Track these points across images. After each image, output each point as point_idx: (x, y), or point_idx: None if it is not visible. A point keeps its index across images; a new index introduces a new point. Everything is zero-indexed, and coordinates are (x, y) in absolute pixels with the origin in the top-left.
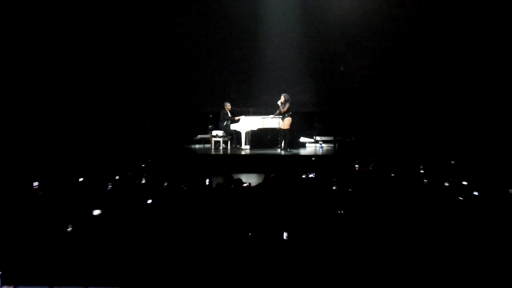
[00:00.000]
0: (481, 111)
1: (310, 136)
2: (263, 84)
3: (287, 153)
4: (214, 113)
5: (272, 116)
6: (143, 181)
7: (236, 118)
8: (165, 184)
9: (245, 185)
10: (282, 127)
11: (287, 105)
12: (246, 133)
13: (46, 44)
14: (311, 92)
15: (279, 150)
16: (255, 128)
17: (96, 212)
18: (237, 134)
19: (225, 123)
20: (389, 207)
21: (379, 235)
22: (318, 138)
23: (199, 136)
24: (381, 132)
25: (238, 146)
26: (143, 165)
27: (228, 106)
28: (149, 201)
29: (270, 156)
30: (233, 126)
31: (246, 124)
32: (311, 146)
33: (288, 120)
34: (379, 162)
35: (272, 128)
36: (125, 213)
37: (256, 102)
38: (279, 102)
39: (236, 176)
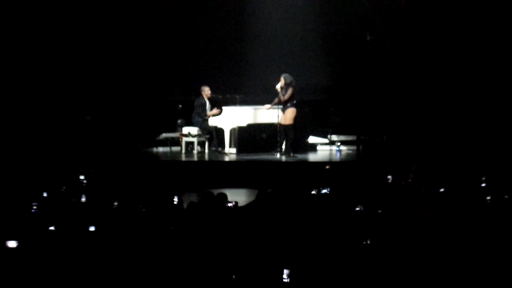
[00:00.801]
0: None
1: (323, 135)
2: (256, 61)
3: (290, 159)
4: (185, 102)
5: (269, 106)
6: (83, 200)
7: (216, 110)
8: (115, 204)
9: (230, 204)
10: (282, 122)
11: (289, 91)
12: (232, 131)
13: None
14: (324, 72)
15: (278, 155)
16: (244, 124)
17: (12, 244)
18: (219, 132)
19: (201, 116)
20: (437, 237)
21: (423, 277)
22: (334, 137)
23: (164, 135)
24: (425, 129)
25: (219, 149)
26: (82, 177)
27: (206, 91)
28: (92, 228)
29: (266, 164)
30: (212, 121)
31: (232, 117)
32: (325, 149)
33: (291, 112)
34: (421, 171)
35: (269, 124)
36: (54, 245)
37: (246, 86)
38: (278, 87)
39: (217, 192)
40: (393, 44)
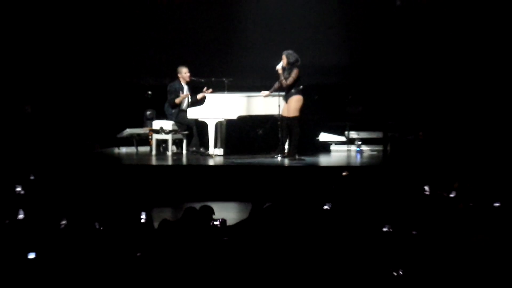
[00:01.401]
0: None
1: (338, 131)
2: (249, 33)
3: (295, 162)
4: (156, 87)
5: (267, 93)
6: (20, 217)
7: (198, 96)
8: (63, 222)
9: (216, 223)
10: (285, 114)
11: (293, 73)
12: (218, 126)
13: None
14: (339, 48)
15: (279, 158)
16: (233, 116)
17: None
18: (200, 126)
19: (176, 106)
20: (490, 269)
21: None
22: (353, 134)
23: (128, 131)
24: (473, 125)
25: (201, 149)
26: (19, 188)
27: (184, 73)
28: (31, 256)
29: (262, 169)
30: (192, 112)
31: (218, 108)
32: (341, 150)
33: (295, 101)
34: (469, 181)
35: (267, 117)
36: None
37: (237, 67)
38: (279, 68)
39: (199, 205)
40: (431, 10)
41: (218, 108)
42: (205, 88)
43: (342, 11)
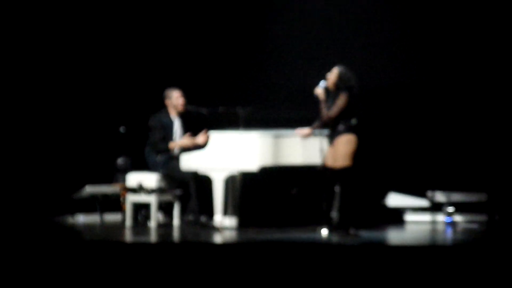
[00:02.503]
0: None
1: (415, 190)
2: (279, 42)
3: (349, 240)
4: (134, 121)
5: (306, 131)
6: None
7: (194, 138)
8: None
9: None
10: (330, 164)
11: (340, 100)
12: (229, 182)
13: None
14: (412, 58)
15: (323, 232)
16: (253, 167)
17: None
18: (201, 183)
19: (163, 150)
20: None
21: None
22: (440, 196)
23: (88, 189)
24: None
25: (203, 218)
26: None
27: (175, 99)
28: None
29: (298, 250)
30: (188, 162)
31: (228, 154)
32: (420, 220)
33: (345, 143)
34: None
35: (304, 167)
36: None
37: (258, 90)
38: (319, 90)
39: None
40: None
41: (229, 154)
42: (204, 130)
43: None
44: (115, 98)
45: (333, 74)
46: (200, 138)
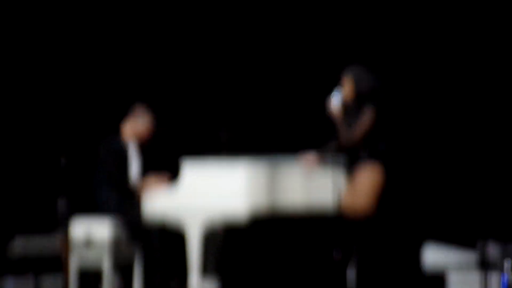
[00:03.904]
0: None
1: (461, 240)
2: (272, 45)
3: None
4: (76, 150)
5: (313, 160)
6: None
7: (159, 179)
8: None
9: None
10: (349, 203)
11: (366, 116)
12: (208, 234)
13: None
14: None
15: None
16: (240, 212)
17: None
18: (173, 237)
19: (122, 191)
20: None
21: None
22: (493, 249)
23: (19, 244)
24: None
25: (173, 283)
26: None
27: (144, 123)
28: None
29: None
30: (154, 206)
31: (207, 193)
32: (468, 280)
33: (369, 174)
34: None
35: (314, 214)
36: None
37: (244, 108)
38: (335, 104)
39: None
40: None
41: (208, 193)
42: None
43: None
44: (50, 120)
45: (348, 82)
46: (163, 180)
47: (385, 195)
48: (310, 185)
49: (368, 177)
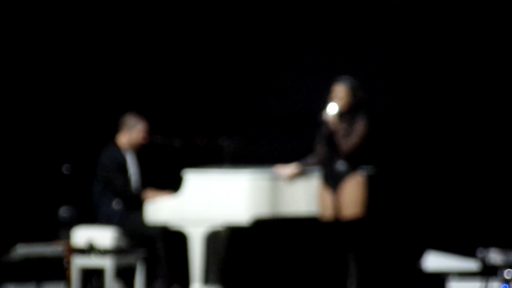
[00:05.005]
0: None
1: (460, 248)
2: (271, 57)
3: None
4: (79, 161)
5: (290, 171)
6: None
7: (158, 196)
8: None
9: None
10: (340, 214)
11: (360, 125)
12: (211, 241)
13: None
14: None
15: None
16: (242, 219)
17: None
18: (172, 241)
19: (124, 198)
20: None
21: None
22: (495, 256)
23: (21, 250)
24: None
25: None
26: None
27: (138, 133)
28: None
29: None
30: (155, 213)
31: (210, 202)
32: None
33: (357, 186)
34: None
35: (305, 220)
36: None
37: (246, 117)
38: (330, 114)
39: None
40: None
41: (211, 202)
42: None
43: None
44: (52, 128)
45: (344, 91)
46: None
47: (383, 203)
48: (311, 194)
49: (356, 188)
